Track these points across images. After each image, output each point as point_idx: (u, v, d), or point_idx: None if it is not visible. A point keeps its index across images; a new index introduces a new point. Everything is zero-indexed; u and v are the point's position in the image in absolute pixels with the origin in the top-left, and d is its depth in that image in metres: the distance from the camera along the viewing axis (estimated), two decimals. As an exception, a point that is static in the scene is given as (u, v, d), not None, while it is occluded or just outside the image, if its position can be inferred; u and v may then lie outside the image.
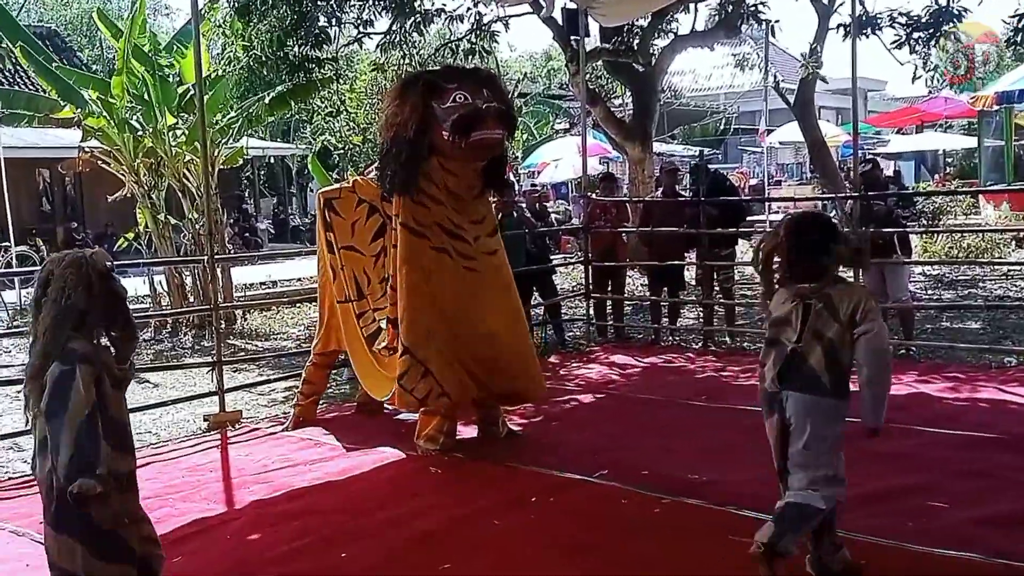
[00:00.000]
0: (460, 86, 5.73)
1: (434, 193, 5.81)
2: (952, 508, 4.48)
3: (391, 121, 5.77)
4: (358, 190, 6.77)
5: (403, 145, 5.68)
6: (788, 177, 33.39)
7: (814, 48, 15.24)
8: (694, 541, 4.32)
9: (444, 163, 5.77)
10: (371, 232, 6.67)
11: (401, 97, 5.77)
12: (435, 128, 5.66)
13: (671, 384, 7.80)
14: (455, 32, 14.68)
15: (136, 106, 12.43)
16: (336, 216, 6.69)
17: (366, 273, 6.61)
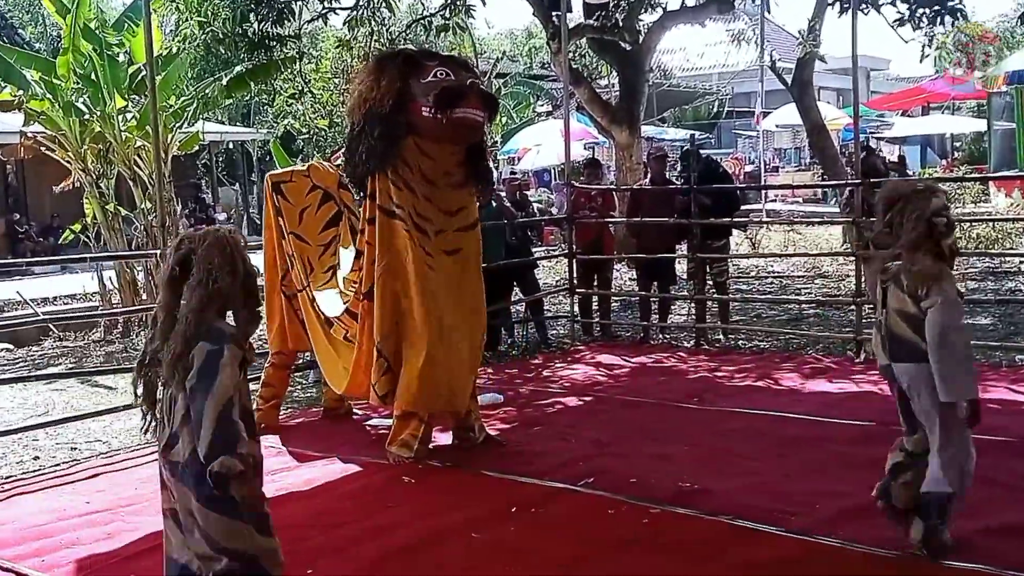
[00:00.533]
0: (441, 64, 5.76)
1: (407, 177, 5.76)
2: (958, 517, 4.50)
3: (365, 96, 5.72)
4: (313, 175, 6.80)
5: (377, 121, 5.65)
6: (786, 163, 33.55)
7: (812, 24, 15.33)
8: (686, 554, 4.34)
9: (420, 143, 5.72)
10: (322, 221, 6.72)
11: (377, 72, 5.75)
12: (412, 105, 5.64)
13: (661, 385, 7.82)
14: (427, 7, 14.68)
15: (83, 88, 12.34)
16: (284, 201, 6.73)
17: (310, 263, 6.66)
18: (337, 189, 6.90)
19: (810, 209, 24.37)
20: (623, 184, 14.63)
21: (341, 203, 6.87)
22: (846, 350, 8.77)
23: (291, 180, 6.83)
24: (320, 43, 26.21)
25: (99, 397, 8.60)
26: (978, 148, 29.15)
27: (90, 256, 11.65)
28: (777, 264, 15.44)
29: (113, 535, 4.85)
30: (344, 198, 6.92)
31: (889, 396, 6.90)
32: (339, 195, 6.90)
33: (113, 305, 12.30)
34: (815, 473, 5.33)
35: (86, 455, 6.66)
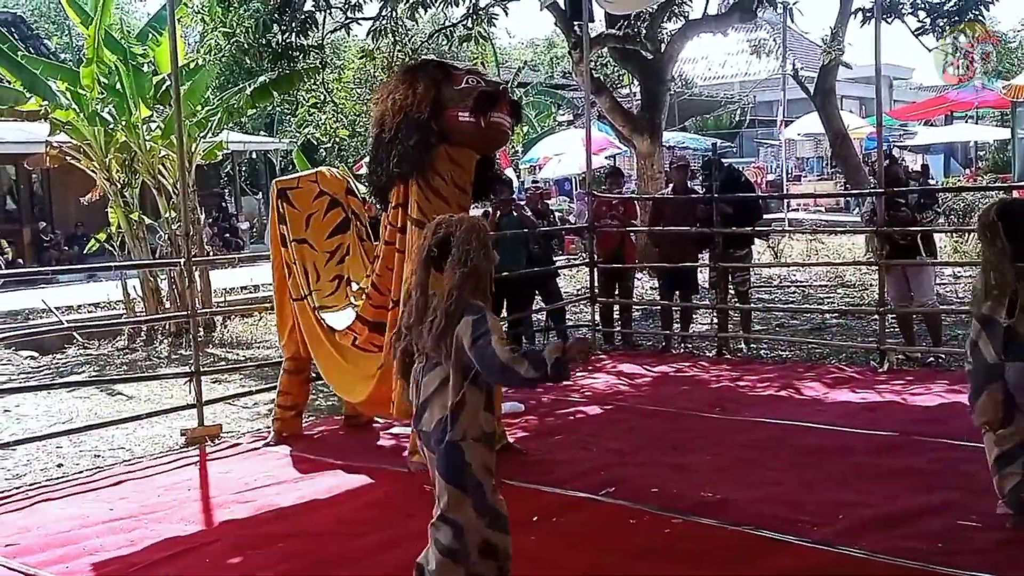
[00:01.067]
0: (469, 72, 5.85)
1: (438, 186, 5.79)
2: (984, 528, 4.48)
3: (400, 104, 5.73)
4: (321, 181, 6.81)
5: (415, 128, 5.67)
6: (808, 172, 33.42)
7: (836, 32, 15.27)
8: (708, 565, 4.32)
9: (451, 151, 5.76)
10: (328, 227, 6.74)
11: (410, 80, 5.78)
12: (447, 112, 5.67)
13: (683, 395, 7.80)
14: (450, 16, 14.72)
15: (108, 97, 12.44)
16: (290, 207, 6.75)
17: (316, 269, 6.67)
18: (345, 196, 6.92)
19: (833, 218, 24.27)
20: (644, 193, 14.61)
21: (349, 209, 6.88)
22: (869, 360, 8.72)
23: (298, 186, 6.87)
24: (343, 53, 26.34)
25: (122, 405, 8.65)
26: (1002, 157, 28.93)
27: (115, 264, 11.73)
28: (799, 273, 15.37)
29: (136, 542, 4.88)
30: (352, 204, 6.93)
31: (913, 406, 6.93)
32: (347, 201, 6.91)
33: (137, 313, 12.37)
34: (837, 483, 5.30)
35: (109, 462, 6.69)
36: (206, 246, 13.83)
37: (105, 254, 14.14)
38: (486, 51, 24.03)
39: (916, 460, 5.64)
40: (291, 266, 6.72)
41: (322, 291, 6.59)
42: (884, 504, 4.86)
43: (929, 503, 4.84)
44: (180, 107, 7.64)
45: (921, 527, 4.55)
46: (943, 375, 8.01)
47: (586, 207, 10.62)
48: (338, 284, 6.64)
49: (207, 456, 6.67)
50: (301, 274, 6.65)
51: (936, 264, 9.78)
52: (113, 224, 12.90)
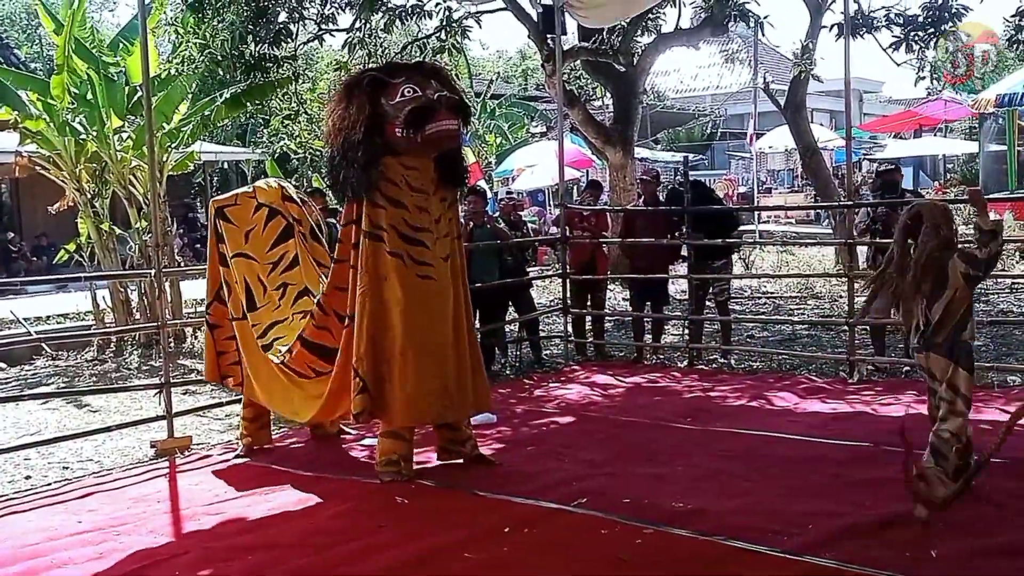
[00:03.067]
0: (408, 79, 5.79)
1: (392, 194, 5.79)
2: (952, 538, 4.51)
3: (338, 126, 5.77)
4: (258, 195, 6.79)
5: (354, 148, 5.68)
6: (779, 184, 33.66)
7: (806, 45, 15.39)
8: (679, 574, 4.32)
9: (402, 160, 5.78)
10: (270, 238, 6.70)
11: (346, 99, 5.79)
12: (386, 126, 5.70)
13: (655, 405, 7.82)
14: (423, 28, 14.72)
15: (79, 108, 12.34)
16: (229, 224, 6.73)
17: (260, 281, 6.63)
18: (283, 203, 6.84)
19: (803, 230, 24.44)
20: (616, 204, 14.65)
21: (289, 216, 6.80)
22: (839, 371, 8.77)
23: (236, 203, 6.81)
24: (316, 63, 26.26)
25: (91, 416, 8.57)
26: (970, 170, 29.24)
27: (84, 275, 11.61)
28: (770, 285, 15.46)
29: (104, 555, 4.82)
30: (291, 210, 6.85)
31: (882, 417, 6.97)
32: (286, 208, 6.83)
33: (106, 324, 12.26)
34: (809, 493, 5.32)
35: (78, 474, 6.62)
36: (177, 257, 13.74)
37: (74, 264, 14.00)
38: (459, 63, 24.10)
39: (886, 470, 5.64)
40: (231, 285, 6.67)
41: (271, 301, 6.55)
42: (855, 514, 4.88)
43: (899, 513, 4.85)
44: (151, 117, 7.60)
45: (891, 536, 4.57)
46: (912, 385, 8.05)
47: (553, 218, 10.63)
48: (283, 292, 6.59)
49: (177, 468, 6.61)
50: (242, 291, 6.59)
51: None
52: (83, 234, 12.79)
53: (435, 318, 5.85)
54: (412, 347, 5.76)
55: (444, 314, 5.90)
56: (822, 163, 16.89)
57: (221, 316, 6.83)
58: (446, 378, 5.87)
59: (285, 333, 6.38)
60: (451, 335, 5.92)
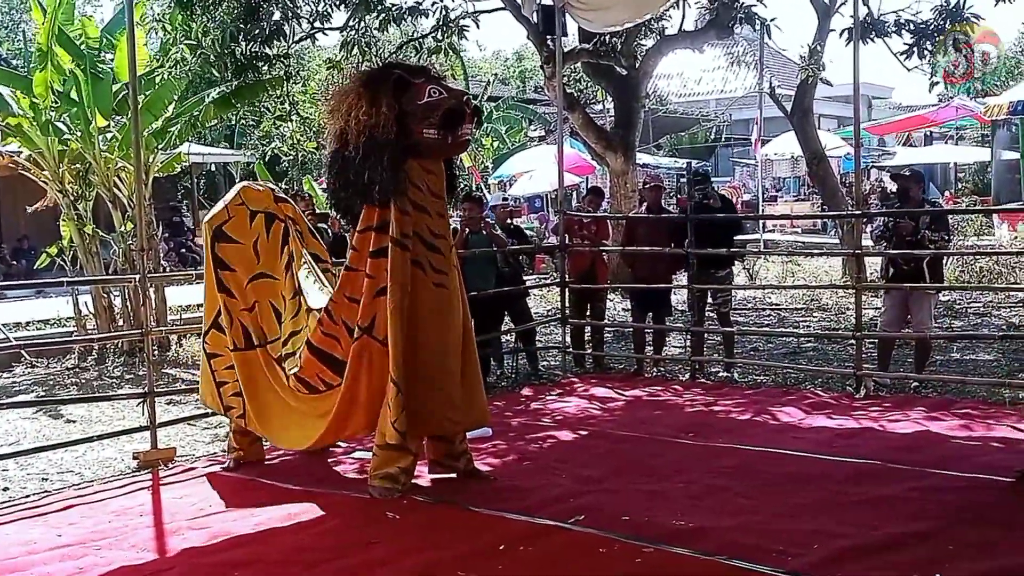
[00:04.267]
0: (428, 80, 5.81)
1: (417, 198, 5.81)
2: (960, 559, 4.52)
3: (364, 123, 5.69)
4: (248, 202, 6.59)
5: (382, 148, 5.65)
6: (785, 192, 33.71)
7: (814, 48, 15.44)
8: (679, 595, 4.34)
9: (423, 163, 5.81)
10: (276, 246, 6.58)
11: (371, 96, 5.73)
12: (413, 128, 5.70)
13: (656, 420, 7.83)
14: (419, 28, 14.75)
15: (63, 106, 12.34)
16: (231, 244, 6.52)
17: (283, 297, 6.53)
18: (276, 204, 6.71)
19: (809, 240, 24.49)
20: (617, 211, 14.68)
21: (284, 216, 6.69)
22: (845, 386, 8.79)
23: (230, 217, 6.56)
24: (307, 63, 26.30)
25: (72, 426, 8.56)
26: (982, 179, 29.32)
27: (67, 280, 11.61)
28: (775, 296, 15.49)
29: (85, 570, 4.82)
30: (286, 211, 6.73)
31: (889, 433, 6.99)
32: (280, 210, 6.70)
33: (88, 331, 12.25)
34: (813, 512, 5.33)
35: (58, 486, 6.62)
36: (162, 262, 13.75)
37: (56, 269, 14.00)
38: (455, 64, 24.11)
39: (893, 489, 5.69)
40: (233, 314, 6.46)
41: (290, 315, 6.47)
42: (860, 534, 4.90)
43: (906, 533, 4.88)
44: (137, 117, 7.60)
45: (897, 557, 4.58)
46: (920, 401, 8.09)
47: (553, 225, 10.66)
48: (298, 300, 6.54)
49: (160, 480, 6.60)
50: (264, 316, 6.49)
51: (945, 288, 9.67)
52: (65, 237, 12.78)
53: (446, 328, 5.89)
54: (428, 357, 5.79)
55: (455, 324, 5.94)
56: (829, 171, 16.95)
57: (220, 345, 6.61)
58: (452, 389, 5.90)
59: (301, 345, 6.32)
60: (459, 345, 5.96)
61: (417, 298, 5.80)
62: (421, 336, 5.79)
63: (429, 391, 5.81)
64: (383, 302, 5.77)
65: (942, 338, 9.88)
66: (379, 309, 5.79)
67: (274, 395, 6.37)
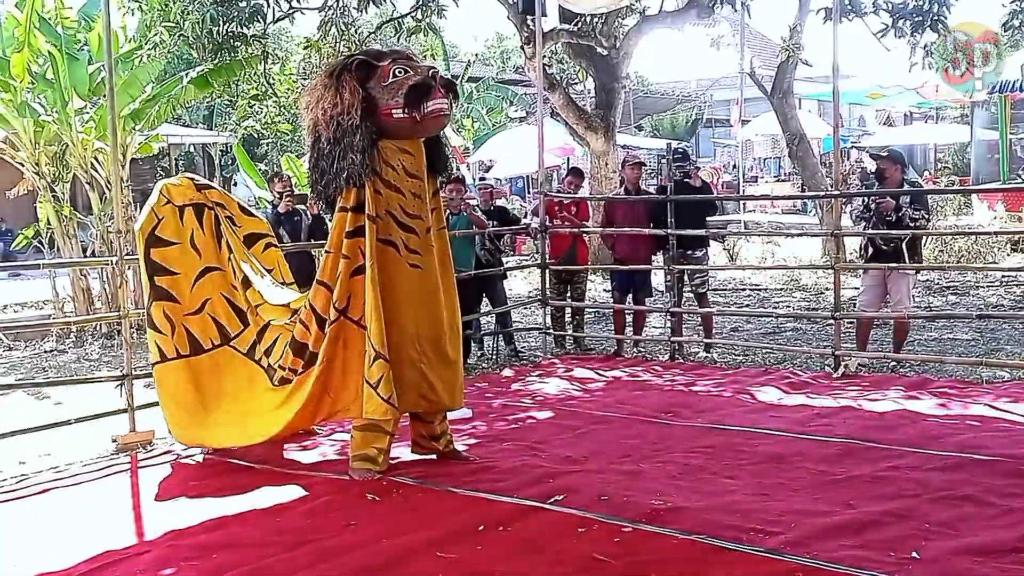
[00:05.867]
0: (393, 61, 5.79)
1: (391, 178, 5.81)
2: (936, 537, 4.56)
3: (329, 113, 5.71)
4: (173, 197, 6.49)
5: (351, 132, 5.65)
6: (766, 172, 33.77)
7: (794, 28, 15.46)
8: (659, 574, 4.34)
9: (395, 144, 5.81)
10: (211, 235, 6.50)
11: (335, 84, 5.75)
12: (379, 110, 5.70)
13: (635, 400, 7.85)
14: (398, 8, 14.70)
15: (39, 87, 12.24)
16: (167, 246, 6.42)
17: (236, 288, 6.45)
18: (199, 192, 6.61)
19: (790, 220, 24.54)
20: (598, 192, 14.69)
21: (212, 203, 6.59)
22: (824, 365, 8.83)
23: (160, 219, 6.44)
24: (284, 43, 26.16)
25: (49, 409, 8.52)
26: (962, 159, 29.40)
27: (44, 262, 11.54)
28: (755, 276, 15.54)
29: (63, 552, 4.80)
30: (211, 197, 6.63)
31: (867, 412, 7.04)
32: (205, 198, 6.60)
33: (66, 314, 12.19)
34: (791, 491, 5.37)
35: (36, 470, 6.59)
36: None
37: (32, 251, 13.92)
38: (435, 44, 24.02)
39: (871, 467, 5.72)
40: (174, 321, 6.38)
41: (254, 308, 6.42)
42: (838, 512, 4.93)
43: (884, 511, 4.91)
44: (114, 97, 7.54)
45: (875, 535, 4.61)
46: (898, 380, 8.14)
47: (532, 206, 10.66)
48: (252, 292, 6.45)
49: (139, 463, 6.59)
50: (220, 313, 6.41)
51: (923, 268, 9.73)
52: (42, 220, 12.71)
53: (422, 308, 5.89)
54: (400, 336, 5.78)
55: (431, 304, 5.93)
56: (809, 151, 17.00)
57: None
58: (430, 368, 5.90)
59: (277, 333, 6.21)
60: (436, 327, 5.95)
61: (390, 278, 5.79)
62: (394, 315, 5.78)
63: (403, 369, 5.81)
64: (359, 282, 5.76)
65: (920, 318, 9.93)
66: (355, 289, 5.78)
67: (231, 399, 6.32)
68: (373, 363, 5.69)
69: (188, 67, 13.40)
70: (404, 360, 5.82)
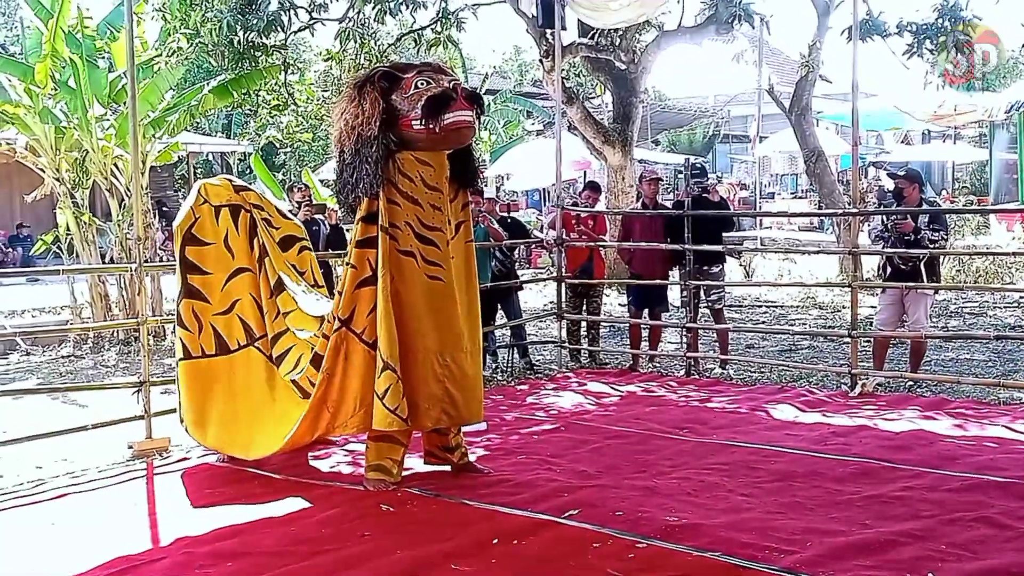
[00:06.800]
0: (419, 73, 5.80)
1: (408, 189, 5.80)
2: (951, 559, 4.53)
3: (351, 124, 5.75)
4: (210, 197, 6.55)
5: (369, 143, 5.68)
6: (783, 189, 33.71)
7: (813, 45, 15.45)
8: (672, 591, 4.35)
9: (416, 155, 5.80)
10: (246, 237, 6.53)
11: (357, 96, 5.78)
12: (402, 121, 5.71)
13: (650, 415, 7.84)
14: (418, 20, 14.75)
15: (60, 94, 12.34)
16: (202, 246, 6.49)
17: (261, 295, 6.48)
18: (237, 194, 6.66)
19: (806, 237, 24.49)
20: (615, 207, 14.69)
21: (249, 206, 6.63)
22: (840, 384, 8.80)
23: (197, 218, 6.52)
24: (303, 54, 26.29)
25: (66, 415, 8.55)
26: (979, 178, 29.31)
27: (63, 268, 11.62)
28: (771, 293, 15.51)
29: (78, 558, 4.82)
30: (248, 199, 6.66)
31: (883, 432, 7.01)
32: (243, 200, 6.64)
33: (84, 319, 12.25)
34: (806, 510, 5.35)
35: (52, 475, 6.62)
36: (159, 251, 13.75)
37: (51, 256, 14.00)
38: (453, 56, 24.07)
39: (887, 487, 5.70)
40: (201, 319, 6.45)
41: (270, 311, 6.42)
42: (853, 532, 4.91)
43: (899, 532, 4.89)
44: (135, 105, 7.59)
45: (890, 556, 4.59)
46: (915, 400, 8.12)
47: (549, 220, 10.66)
48: (277, 298, 6.46)
49: (155, 470, 6.62)
50: (254, 311, 6.44)
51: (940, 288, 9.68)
52: (61, 225, 12.78)
53: (441, 320, 5.86)
54: (417, 348, 5.78)
55: (450, 317, 5.90)
56: (827, 168, 16.97)
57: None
58: (451, 382, 5.87)
59: (292, 343, 6.25)
60: (457, 340, 5.92)
61: (409, 289, 5.79)
62: (413, 326, 5.78)
63: (423, 384, 5.79)
64: (365, 293, 5.76)
65: (937, 337, 9.89)
66: (360, 300, 5.77)
67: (246, 398, 6.36)
68: (381, 373, 5.69)
69: (208, 76, 13.48)
70: (427, 375, 5.80)
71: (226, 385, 6.45)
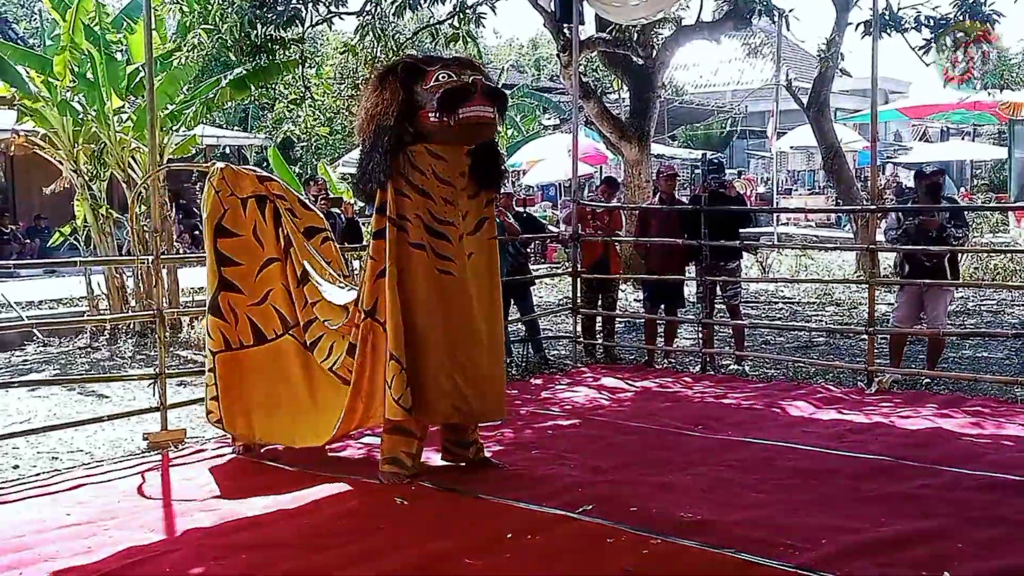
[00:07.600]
0: (443, 66, 5.78)
1: (418, 182, 5.78)
2: (968, 558, 4.50)
3: (371, 113, 5.76)
4: (236, 189, 6.50)
5: (384, 133, 5.68)
6: (800, 185, 33.59)
7: (832, 40, 15.37)
8: (686, 587, 4.33)
9: (431, 148, 5.77)
10: (272, 228, 6.50)
11: (380, 86, 5.79)
12: (420, 113, 5.69)
13: (665, 411, 7.82)
14: (436, 14, 14.72)
15: (79, 86, 12.38)
16: (233, 238, 6.46)
17: (290, 283, 6.46)
18: (261, 185, 6.60)
19: (824, 233, 24.41)
20: (631, 202, 14.66)
21: (273, 196, 6.57)
22: (856, 381, 8.76)
23: (226, 209, 6.48)
24: (321, 48, 26.30)
25: (82, 405, 8.60)
26: (998, 176, 29.13)
27: (80, 260, 11.64)
28: (787, 289, 15.45)
29: (94, 549, 4.83)
30: (272, 189, 6.60)
31: (900, 430, 6.97)
32: (267, 190, 6.58)
33: (101, 311, 12.29)
34: (822, 507, 5.32)
35: (68, 465, 6.65)
36: (175, 243, 13.78)
37: (68, 248, 14.05)
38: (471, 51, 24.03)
39: (903, 485, 5.67)
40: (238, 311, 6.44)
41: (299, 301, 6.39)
42: (869, 530, 4.88)
43: (915, 530, 4.86)
44: (153, 98, 7.60)
45: (906, 554, 4.56)
46: (932, 398, 8.07)
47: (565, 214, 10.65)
48: (304, 288, 6.45)
49: (170, 461, 6.63)
50: (280, 304, 6.44)
51: (960, 286, 9.63)
52: (79, 217, 12.83)
53: (453, 315, 5.83)
54: (428, 343, 5.77)
55: (463, 311, 5.87)
56: (845, 165, 16.89)
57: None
58: (463, 378, 5.85)
59: (322, 332, 6.24)
60: (471, 335, 5.89)
61: (418, 282, 5.77)
62: (423, 320, 5.77)
63: (431, 377, 5.78)
64: (384, 283, 5.76)
65: (955, 335, 9.83)
66: (380, 291, 5.78)
67: (286, 387, 6.37)
68: (388, 364, 5.71)
69: (225, 69, 13.47)
70: (436, 369, 5.78)
71: (266, 375, 6.46)
